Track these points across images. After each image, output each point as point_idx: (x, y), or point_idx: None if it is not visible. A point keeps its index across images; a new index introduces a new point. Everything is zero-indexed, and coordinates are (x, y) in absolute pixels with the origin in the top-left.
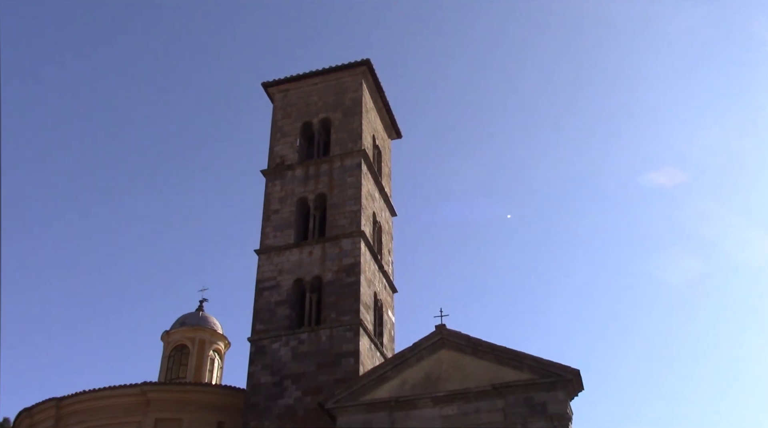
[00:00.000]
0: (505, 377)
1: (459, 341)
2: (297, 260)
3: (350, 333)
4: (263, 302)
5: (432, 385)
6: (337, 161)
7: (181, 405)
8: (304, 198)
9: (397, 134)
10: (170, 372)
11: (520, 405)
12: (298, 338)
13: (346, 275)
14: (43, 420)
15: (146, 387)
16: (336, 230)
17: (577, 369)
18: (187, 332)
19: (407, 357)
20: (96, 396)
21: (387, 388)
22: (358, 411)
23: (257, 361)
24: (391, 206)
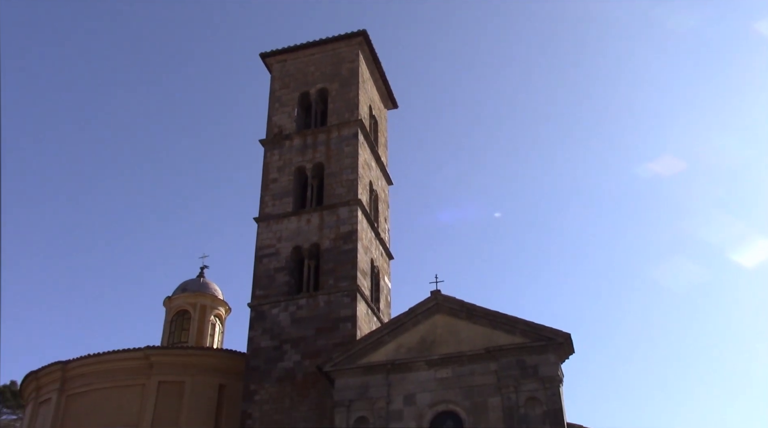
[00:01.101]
0: (498, 341)
1: (453, 306)
2: (295, 228)
3: (348, 299)
4: (263, 269)
5: (427, 349)
6: (334, 131)
7: (184, 368)
8: (302, 167)
9: (393, 104)
10: (172, 336)
11: (512, 368)
12: (297, 303)
13: (343, 243)
14: (49, 382)
15: (149, 350)
16: (333, 199)
17: (568, 333)
18: (188, 297)
19: (403, 321)
20: (100, 359)
21: (383, 352)
22: (355, 373)
23: (257, 326)
24: (387, 175)
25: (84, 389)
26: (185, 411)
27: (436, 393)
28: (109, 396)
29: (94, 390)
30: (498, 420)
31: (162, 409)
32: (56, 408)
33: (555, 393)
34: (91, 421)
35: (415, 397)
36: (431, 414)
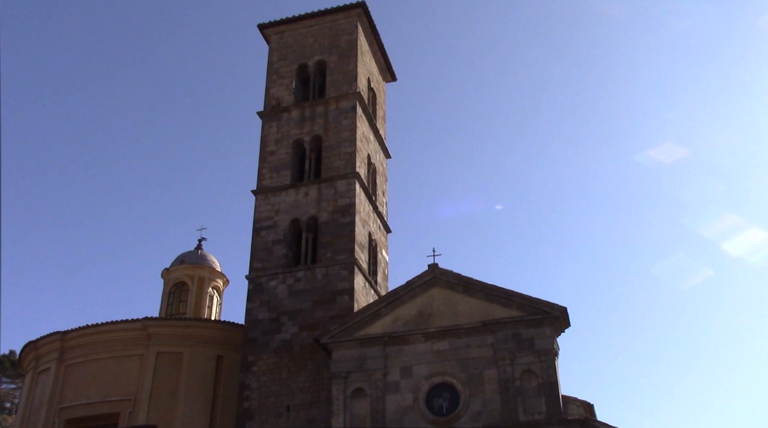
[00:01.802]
0: (494, 314)
1: (450, 279)
2: (293, 200)
3: (345, 272)
4: (260, 242)
5: (424, 322)
6: (332, 104)
7: (182, 339)
8: (300, 140)
9: (391, 77)
10: (170, 308)
11: (508, 341)
12: (295, 276)
13: (341, 216)
14: (48, 352)
15: (147, 322)
16: (331, 172)
17: (564, 307)
18: (186, 269)
19: (400, 294)
20: (99, 330)
21: (380, 324)
22: (352, 345)
23: (255, 298)
24: (386, 148)
25: (82, 359)
26: (183, 382)
27: (432, 366)
28: (107, 367)
29: (93, 361)
30: (494, 392)
31: (160, 380)
32: (55, 378)
33: (550, 365)
34: (90, 391)
35: (411, 369)
36: (427, 386)
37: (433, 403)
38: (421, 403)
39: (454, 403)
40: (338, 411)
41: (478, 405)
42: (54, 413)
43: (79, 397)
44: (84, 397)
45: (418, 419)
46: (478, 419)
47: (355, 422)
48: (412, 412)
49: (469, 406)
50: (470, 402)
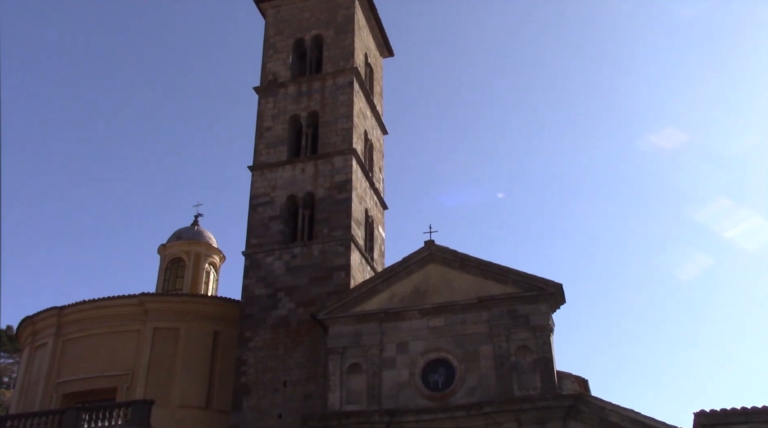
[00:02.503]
0: (490, 290)
1: (447, 256)
2: (290, 176)
3: (342, 248)
4: (257, 218)
5: (420, 298)
6: (329, 79)
7: (179, 315)
8: (297, 115)
9: (389, 52)
10: (167, 284)
11: (504, 317)
12: (291, 252)
13: (337, 192)
14: (45, 328)
15: (144, 297)
16: (328, 148)
17: (560, 283)
18: (182, 245)
19: (397, 271)
20: (96, 305)
21: (377, 300)
22: (349, 321)
23: (252, 274)
24: (383, 124)
25: (80, 334)
26: (180, 357)
27: (428, 341)
28: (104, 342)
29: (90, 336)
30: (489, 367)
31: (157, 355)
32: (52, 353)
33: (545, 341)
34: (88, 366)
35: (407, 345)
36: (423, 362)
37: (429, 379)
38: (417, 379)
39: (449, 379)
40: (335, 386)
41: (474, 380)
42: (51, 387)
43: (76, 372)
44: (81, 372)
45: (414, 394)
46: (473, 394)
47: (352, 397)
48: (408, 387)
49: (464, 382)
50: (466, 378)
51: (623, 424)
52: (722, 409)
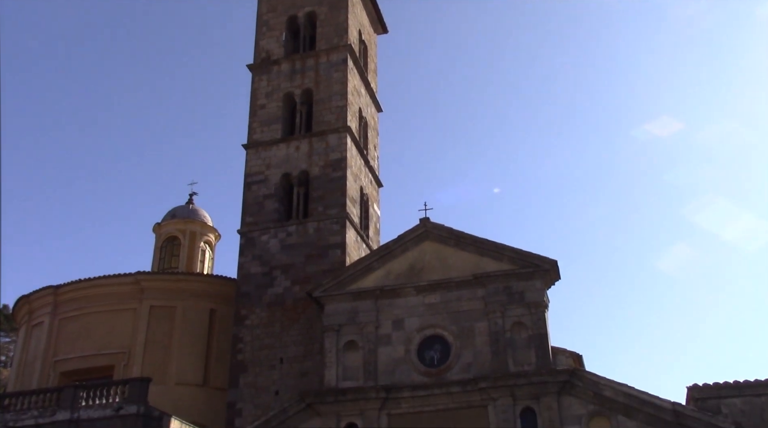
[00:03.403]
0: (485, 267)
1: (442, 233)
2: (284, 154)
3: (337, 226)
4: (252, 196)
5: (416, 275)
6: (323, 56)
7: (175, 293)
8: (291, 93)
9: (383, 29)
10: (163, 262)
11: (499, 294)
12: (287, 230)
13: (332, 170)
14: (41, 306)
15: (140, 276)
16: (322, 126)
17: (555, 260)
18: (178, 224)
19: (392, 248)
20: (92, 284)
21: (372, 278)
22: (344, 299)
23: (247, 252)
24: (377, 101)
25: (76, 313)
26: (177, 335)
27: (424, 318)
28: (101, 320)
29: (86, 314)
30: (484, 343)
31: (154, 333)
32: (49, 331)
33: (540, 318)
34: (84, 344)
35: (403, 322)
36: (419, 338)
37: (425, 355)
38: (412, 355)
39: (445, 355)
40: (331, 363)
41: (469, 356)
42: (49, 366)
43: (73, 350)
44: (78, 350)
45: (410, 370)
46: (468, 370)
47: (348, 374)
48: (403, 364)
49: (460, 357)
50: (461, 354)
51: (617, 399)
52: (714, 383)
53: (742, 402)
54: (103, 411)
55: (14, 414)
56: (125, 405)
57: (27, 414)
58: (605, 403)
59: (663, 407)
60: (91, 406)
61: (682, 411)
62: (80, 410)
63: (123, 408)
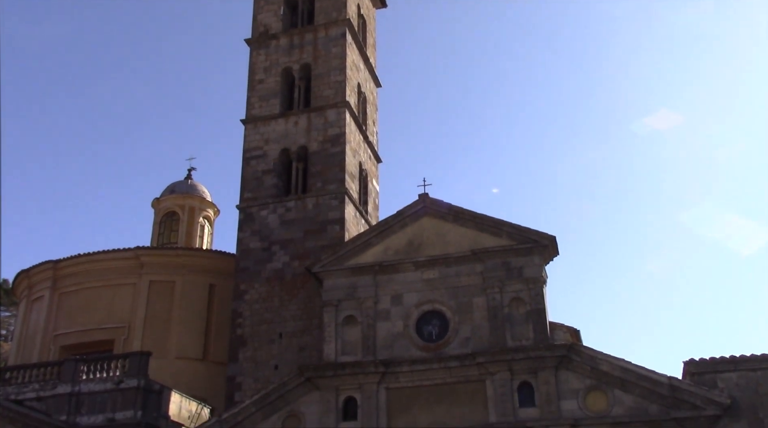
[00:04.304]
0: (484, 243)
1: (441, 209)
2: (283, 130)
3: (336, 201)
4: (250, 171)
5: (414, 251)
6: (321, 31)
7: (174, 268)
8: (289, 68)
9: (382, 3)
10: (162, 237)
11: (497, 269)
12: (285, 205)
13: (331, 145)
14: (41, 281)
15: (139, 251)
16: (321, 101)
17: (553, 236)
18: (176, 199)
19: (391, 224)
20: (91, 259)
21: (371, 253)
22: (343, 274)
23: (246, 228)
24: (376, 77)
25: (75, 287)
26: (176, 310)
27: (422, 294)
28: (100, 295)
29: (86, 289)
30: (482, 319)
31: (153, 308)
32: (49, 306)
33: (538, 293)
34: (84, 318)
35: (402, 297)
36: (417, 313)
37: (423, 330)
38: (411, 330)
39: (443, 330)
40: (330, 337)
41: (467, 331)
42: (49, 340)
43: (73, 324)
44: (78, 324)
45: (409, 345)
46: (466, 345)
47: (347, 348)
48: (402, 339)
49: (458, 332)
50: (459, 329)
51: (614, 373)
52: (711, 358)
53: (737, 376)
54: (104, 384)
55: (16, 387)
56: (126, 379)
57: (28, 387)
58: (602, 378)
59: (659, 381)
60: (92, 380)
61: (678, 386)
62: (81, 383)
63: (123, 382)
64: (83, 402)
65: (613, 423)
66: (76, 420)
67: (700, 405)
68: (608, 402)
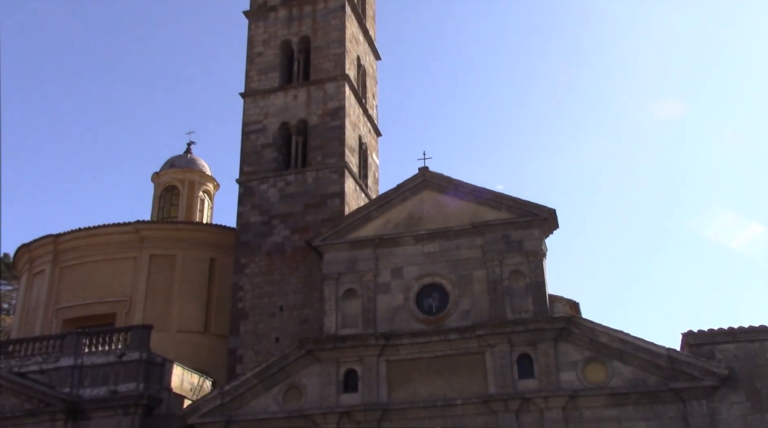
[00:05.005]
0: (484, 216)
1: (441, 182)
2: (282, 103)
3: (336, 175)
4: (250, 145)
5: (414, 224)
6: (320, 3)
7: (174, 242)
8: (288, 41)
9: None
10: (162, 212)
11: (497, 242)
12: (285, 179)
13: (331, 119)
14: (42, 255)
15: (140, 225)
16: (320, 74)
17: (553, 209)
18: (176, 173)
19: (391, 197)
20: (91, 233)
21: (371, 227)
22: (343, 248)
23: (246, 201)
24: (376, 49)
25: (76, 261)
26: (177, 284)
27: (422, 267)
28: (101, 269)
29: (87, 263)
30: (482, 291)
31: (154, 282)
32: (50, 280)
33: (538, 266)
34: (86, 292)
35: (402, 270)
36: (417, 286)
37: (423, 303)
38: (411, 303)
39: (443, 303)
40: (330, 310)
41: (467, 304)
42: (51, 313)
43: (74, 298)
44: (80, 298)
45: (409, 318)
46: (466, 317)
47: (347, 321)
48: (402, 311)
49: (458, 305)
50: (459, 302)
51: (613, 345)
52: (709, 329)
53: (735, 347)
54: (106, 357)
55: (19, 360)
56: (128, 352)
57: (31, 360)
58: (601, 349)
59: (658, 353)
60: (94, 353)
61: (677, 357)
62: (83, 356)
63: (126, 355)
64: (86, 375)
65: (611, 394)
66: (79, 393)
67: (698, 376)
68: (607, 373)
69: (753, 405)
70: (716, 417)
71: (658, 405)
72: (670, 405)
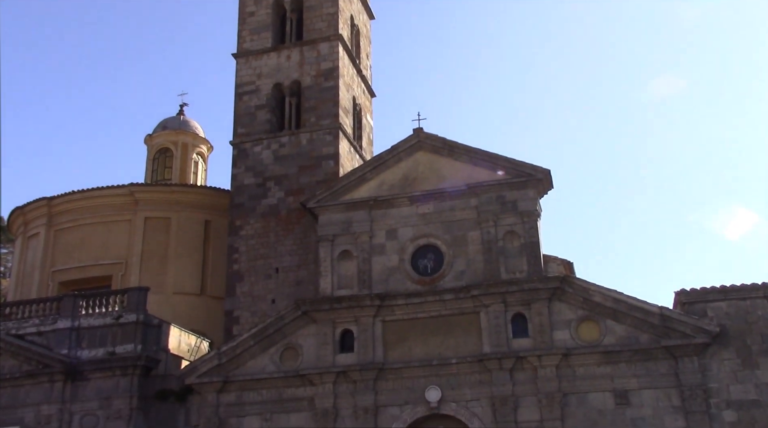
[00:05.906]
0: (478, 177)
1: (435, 143)
2: (275, 64)
3: (330, 137)
4: (243, 107)
5: (409, 185)
6: None
7: (169, 205)
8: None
9: None
10: (155, 174)
11: (492, 203)
12: (279, 141)
13: (324, 80)
14: (36, 218)
15: (134, 187)
16: (313, 34)
17: (548, 169)
18: (169, 135)
19: (385, 159)
20: (85, 196)
21: (366, 189)
22: (338, 209)
23: (240, 163)
24: (369, 8)
25: (71, 224)
26: (173, 246)
27: (417, 228)
28: (96, 231)
29: (82, 225)
30: (477, 252)
31: (150, 244)
32: (45, 242)
33: (533, 226)
34: (81, 255)
35: (397, 232)
36: (412, 248)
37: (418, 264)
38: (406, 264)
39: (438, 263)
40: (326, 272)
41: (462, 264)
42: (47, 276)
43: (70, 261)
44: (75, 261)
45: (404, 279)
46: (461, 278)
47: (343, 282)
48: (397, 272)
49: (453, 266)
50: (454, 262)
51: (606, 304)
52: (702, 287)
53: (727, 305)
54: (103, 319)
55: (16, 323)
56: (125, 314)
57: (29, 322)
58: (594, 308)
59: (650, 311)
60: (91, 314)
61: (669, 315)
62: (81, 318)
63: (123, 317)
64: (83, 337)
65: (604, 352)
66: (77, 354)
67: (689, 334)
68: (600, 331)
69: (743, 362)
70: (707, 374)
71: (650, 362)
72: (662, 362)
